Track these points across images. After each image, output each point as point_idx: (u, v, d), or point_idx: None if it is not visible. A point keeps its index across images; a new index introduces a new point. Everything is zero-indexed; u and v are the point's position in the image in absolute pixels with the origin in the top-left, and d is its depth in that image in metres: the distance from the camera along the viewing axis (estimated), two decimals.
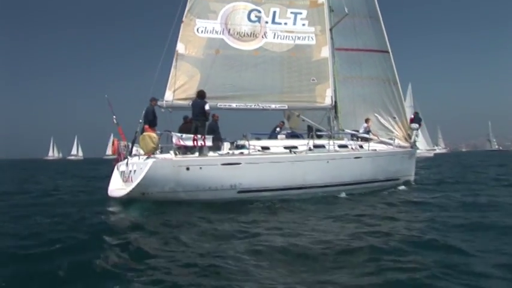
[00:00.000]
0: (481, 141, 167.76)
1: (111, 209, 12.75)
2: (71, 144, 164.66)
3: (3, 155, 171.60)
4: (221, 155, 14.35)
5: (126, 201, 13.21)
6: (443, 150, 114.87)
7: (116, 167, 14.95)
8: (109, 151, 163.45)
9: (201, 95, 14.95)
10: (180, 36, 16.41)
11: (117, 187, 14.20)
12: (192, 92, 15.97)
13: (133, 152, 14.49)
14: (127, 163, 14.03)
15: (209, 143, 13.82)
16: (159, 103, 15.58)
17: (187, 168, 13.25)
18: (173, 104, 15.92)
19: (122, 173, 14.32)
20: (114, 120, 15.24)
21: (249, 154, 14.37)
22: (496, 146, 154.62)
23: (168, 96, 15.95)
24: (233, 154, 14.52)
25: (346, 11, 17.42)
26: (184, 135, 13.65)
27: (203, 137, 13.71)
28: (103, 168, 38.25)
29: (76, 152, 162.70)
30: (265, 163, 14.36)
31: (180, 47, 16.34)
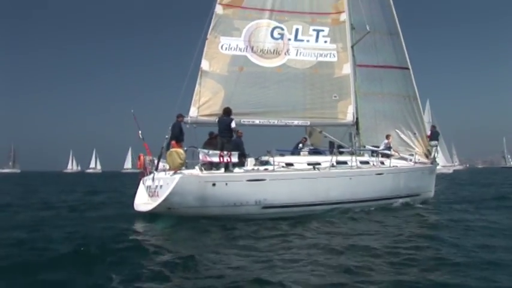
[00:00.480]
0: (497, 157, 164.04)
1: (137, 224, 13.05)
2: (90, 157, 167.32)
3: (24, 167, 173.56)
4: (246, 171, 14.62)
5: (152, 215, 13.51)
6: (459, 167, 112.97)
7: (141, 182, 15.26)
8: (127, 165, 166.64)
9: (227, 112, 15.28)
10: (204, 53, 16.79)
11: (143, 201, 14.51)
12: (216, 108, 16.33)
13: (160, 167, 14.77)
14: (153, 178, 14.34)
15: (235, 159, 14.08)
16: (184, 119, 15.92)
17: (214, 184, 13.52)
18: (198, 120, 16.26)
19: (148, 187, 14.62)
20: (140, 135, 15.62)
21: (273, 170, 14.60)
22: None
23: (193, 112, 16.30)
24: (258, 170, 14.79)
25: (368, 28, 17.71)
26: (210, 152, 13.93)
27: (229, 154, 13.97)
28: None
29: (94, 165, 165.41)
30: (290, 179, 14.61)
31: (205, 64, 16.70)
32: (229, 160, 13.91)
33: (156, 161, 15.11)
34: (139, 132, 15.62)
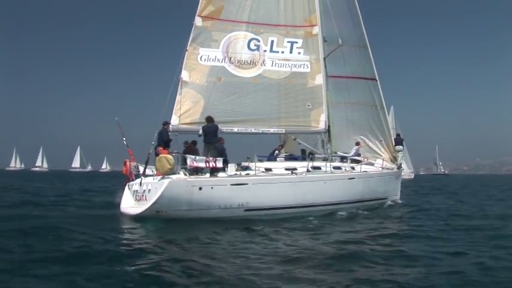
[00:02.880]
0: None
1: (126, 225, 13.94)
2: (36, 155, 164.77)
3: None
4: (230, 175, 15.74)
5: (139, 218, 14.43)
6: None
7: (127, 187, 16.17)
8: (75, 163, 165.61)
9: (211, 120, 16.39)
10: (184, 64, 17.83)
11: (130, 205, 15.42)
12: (196, 117, 17.44)
13: (146, 172, 15.74)
14: (140, 183, 15.28)
15: (220, 164, 15.22)
16: (169, 126, 16.94)
17: (200, 188, 14.59)
18: (179, 128, 17.30)
19: (135, 192, 15.54)
20: (124, 142, 16.55)
21: (255, 175, 15.80)
22: (443, 170, 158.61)
23: (174, 120, 17.34)
24: (240, 175, 15.94)
25: (340, 42, 19.24)
26: (197, 158, 15.02)
27: (215, 159, 15.09)
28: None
29: (41, 164, 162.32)
30: (270, 183, 15.84)
31: (185, 75, 17.76)
32: (215, 165, 15.03)
33: (141, 167, 16.08)
34: (124, 139, 16.54)
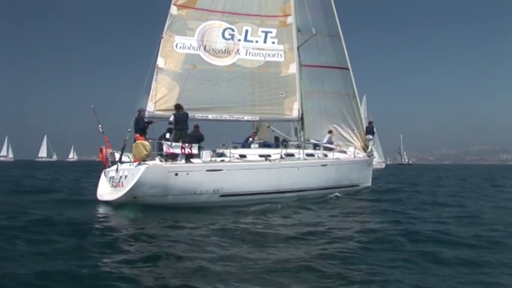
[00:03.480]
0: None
1: (102, 210, 14.23)
2: (1, 144, 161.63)
3: None
4: (205, 162, 16.10)
5: (116, 204, 14.70)
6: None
7: (103, 173, 16.42)
8: (42, 153, 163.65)
9: (181, 107, 16.62)
10: (160, 51, 18.05)
11: (107, 191, 15.69)
12: (171, 104, 17.64)
13: (122, 159, 16.00)
14: (117, 169, 15.55)
15: (195, 151, 15.57)
16: (145, 113, 17.21)
17: (176, 174, 14.92)
18: (154, 114, 17.55)
19: (111, 178, 15.81)
20: (100, 129, 16.79)
21: (229, 161, 16.20)
22: (407, 160, 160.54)
23: (150, 107, 17.58)
24: (215, 161, 16.31)
25: (314, 31, 19.71)
26: (173, 144, 15.34)
27: (190, 146, 15.43)
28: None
29: (6, 153, 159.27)
30: (245, 170, 16.25)
31: (160, 62, 17.99)
32: (190, 152, 15.38)
33: (117, 153, 16.35)
34: (100, 126, 16.78)
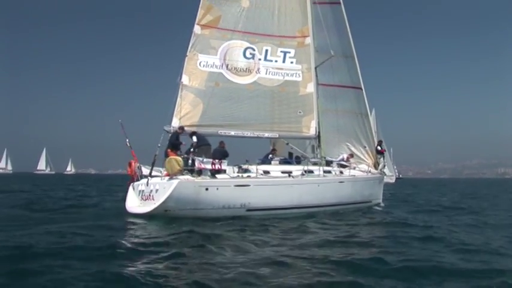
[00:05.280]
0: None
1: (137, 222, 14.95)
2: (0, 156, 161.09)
3: None
4: (233, 177, 16.99)
5: (146, 216, 15.48)
6: None
7: (131, 186, 17.23)
8: (41, 166, 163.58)
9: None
10: (184, 69, 19.07)
11: (136, 204, 16.50)
12: (196, 120, 18.70)
13: (153, 173, 16.86)
14: (147, 183, 16.37)
15: (224, 166, 16.52)
16: (165, 128, 18.12)
17: (207, 189, 15.81)
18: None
19: (141, 192, 16.61)
20: (128, 144, 17.61)
21: (256, 177, 17.12)
22: (397, 174, 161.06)
23: (175, 122, 18.50)
24: (242, 177, 17.22)
25: (332, 53, 20.76)
26: (205, 160, 16.27)
27: (220, 162, 16.38)
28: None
29: (5, 166, 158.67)
30: (270, 186, 17.19)
31: (185, 79, 18.99)
32: (220, 167, 16.33)
33: (144, 168, 17.23)
34: (127, 140, 17.61)
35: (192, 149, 17.59)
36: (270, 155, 20.75)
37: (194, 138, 17.72)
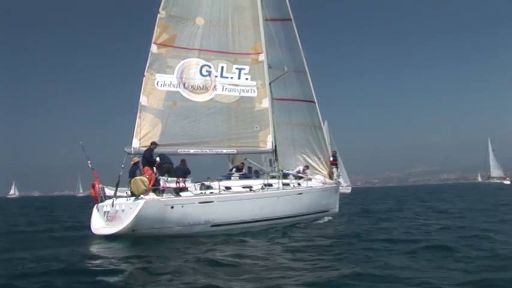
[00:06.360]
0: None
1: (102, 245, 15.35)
2: None
3: None
4: (196, 194, 17.55)
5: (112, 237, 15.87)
6: None
7: (95, 208, 17.51)
8: (12, 191, 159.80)
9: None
10: (142, 89, 19.52)
11: (101, 226, 16.81)
12: (155, 140, 19.02)
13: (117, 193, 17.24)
14: (112, 204, 16.72)
15: (188, 184, 17.10)
16: (126, 149, 18.53)
17: (172, 207, 16.31)
18: (140, 150, 18.76)
19: (106, 213, 16.93)
20: (89, 165, 17.88)
21: (219, 193, 17.75)
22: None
23: (135, 143, 18.92)
24: (205, 194, 17.80)
25: (286, 69, 21.67)
26: (169, 179, 16.81)
27: (184, 180, 16.96)
28: None
29: None
30: (233, 201, 17.84)
31: (143, 100, 19.46)
32: (184, 186, 16.91)
33: (107, 189, 17.59)
34: (89, 162, 17.88)
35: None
36: (234, 169, 21.42)
37: (158, 158, 18.19)
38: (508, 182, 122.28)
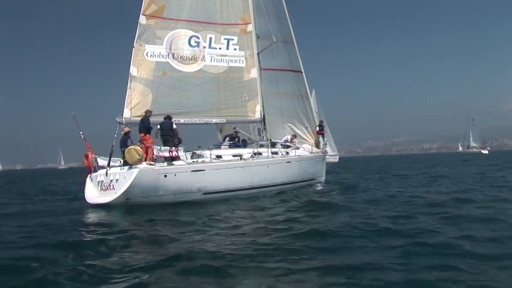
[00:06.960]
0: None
1: (98, 213, 15.79)
2: None
3: None
4: (189, 163, 18.03)
5: (106, 206, 16.32)
6: None
7: (88, 178, 17.89)
8: None
9: (169, 117, 18.70)
10: (132, 60, 19.79)
11: (96, 195, 17.22)
12: (146, 110, 19.40)
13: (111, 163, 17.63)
14: (106, 173, 17.12)
15: (181, 154, 17.55)
16: (117, 119, 18.87)
17: (165, 176, 16.79)
18: (131, 120, 19.16)
19: (100, 182, 17.32)
20: (81, 136, 18.22)
21: (211, 162, 18.25)
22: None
23: (126, 113, 19.27)
24: (198, 162, 18.29)
25: (274, 39, 21.99)
26: (162, 148, 17.25)
27: (176, 149, 17.40)
28: None
29: None
30: (224, 169, 18.36)
31: (133, 70, 19.73)
32: (177, 155, 17.36)
33: (99, 159, 17.96)
34: (81, 133, 18.20)
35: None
36: (227, 138, 21.95)
37: (158, 126, 18.62)
38: (486, 152, 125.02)
